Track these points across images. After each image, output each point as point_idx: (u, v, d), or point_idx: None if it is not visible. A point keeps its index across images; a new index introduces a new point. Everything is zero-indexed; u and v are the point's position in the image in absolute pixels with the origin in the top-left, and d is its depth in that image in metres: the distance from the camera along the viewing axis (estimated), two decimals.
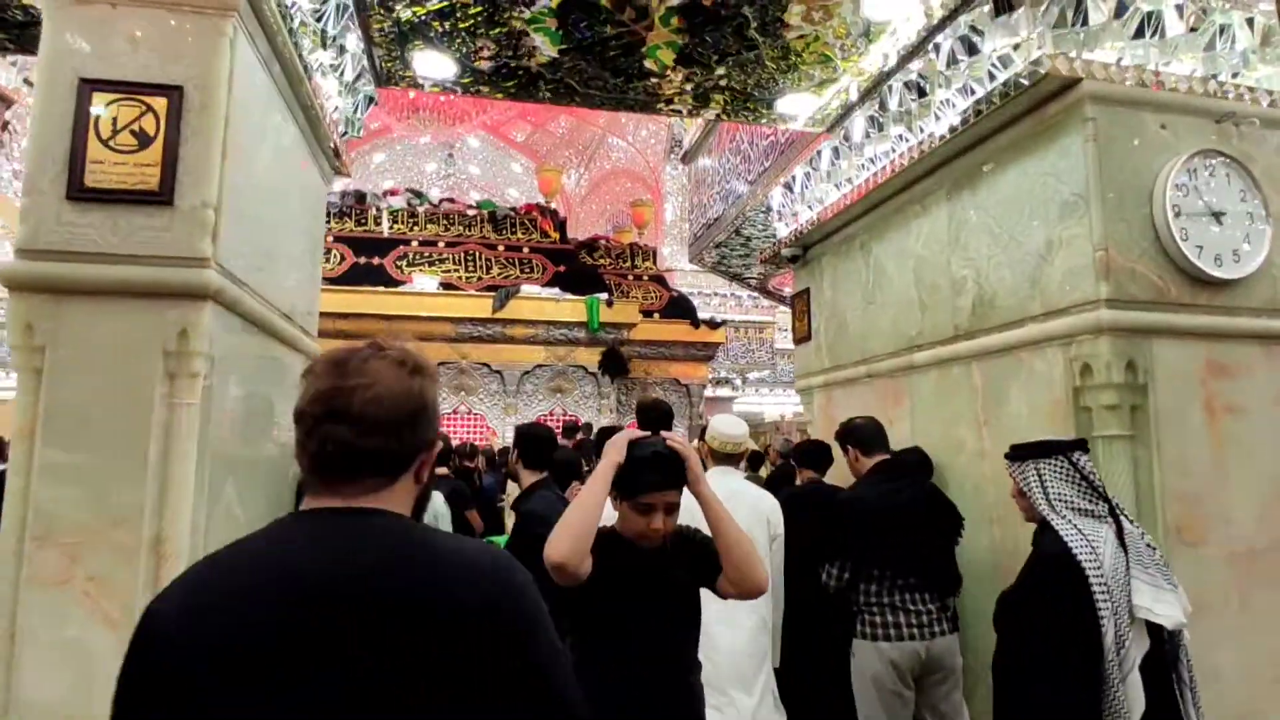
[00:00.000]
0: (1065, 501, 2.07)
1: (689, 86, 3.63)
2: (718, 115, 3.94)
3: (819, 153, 4.28)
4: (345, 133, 3.55)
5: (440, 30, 3.14)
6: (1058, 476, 2.11)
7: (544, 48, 3.26)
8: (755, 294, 13.85)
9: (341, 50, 3.15)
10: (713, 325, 10.80)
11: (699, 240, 6.83)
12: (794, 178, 4.65)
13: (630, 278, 10.77)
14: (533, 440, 3.44)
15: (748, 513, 2.65)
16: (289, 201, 2.85)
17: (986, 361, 3.13)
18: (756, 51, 3.27)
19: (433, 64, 3.43)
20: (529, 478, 3.27)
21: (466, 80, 3.55)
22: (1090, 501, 2.07)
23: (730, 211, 5.89)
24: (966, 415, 3.25)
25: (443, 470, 5.66)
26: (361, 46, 3.25)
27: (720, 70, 3.45)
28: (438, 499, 5.38)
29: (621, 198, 15.18)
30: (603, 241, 11.13)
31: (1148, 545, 2.04)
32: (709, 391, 17.11)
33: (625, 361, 9.25)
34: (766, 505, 2.88)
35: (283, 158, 2.73)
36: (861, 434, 2.97)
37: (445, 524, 5.30)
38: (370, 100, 3.67)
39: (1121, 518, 2.07)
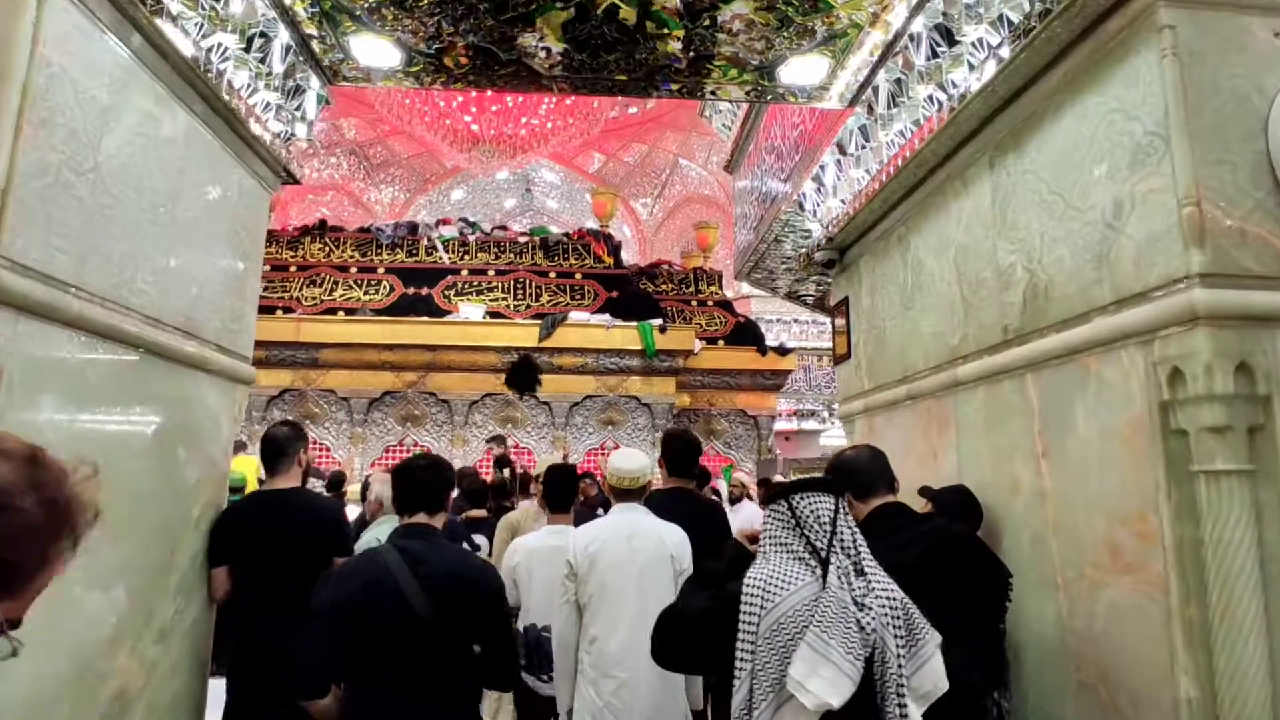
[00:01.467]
0: (784, 546, 1.70)
1: (670, 62, 3.08)
2: (713, 92, 3.36)
3: (846, 133, 3.61)
4: (291, 134, 3.22)
5: (365, 5, 2.76)
6: (780, 524, 1.72)
7: (486, 19, 2.82)
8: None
9: (263, 36, 2.83)
10: (782, 352, 10.03)
11: (742, 255, 6.20)
12: (823, 167, 3.98)
13: (693, 303, 10.21)
14: (554, 480, 3.27)
15: (651, 549, 2.57)
16: (178, 201, 2.50)
17: (1043, 372, 2.36)
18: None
19: (373, 50, 3.05)
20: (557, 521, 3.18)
21: (416, 69, 3.16)
22: (805, 549, 1.67)
23: (767, 218, 5.24)
24: (1021, 444, 2.47)
25: (479, 513, 5.18)
26: (290, 34, 2.91)
27: (699, 30, 2.88)
28: (483, 543, 4.93)
29: (694, 223, 14.69)
30: (665, 266, 10.64)
31: (858, 604, 1.57)
32: (793, 425, 16.16)
33: (536, 373, 8.06)
34: (671, 540, 2.62)
35: (160, 150, 2.38)
36: (853, 469, 2.26)
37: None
38: (322, 100, 3.35)
39: (835, 572, 1.61)
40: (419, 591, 1.90)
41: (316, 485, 4.70)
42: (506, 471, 6.63)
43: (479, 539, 4.92)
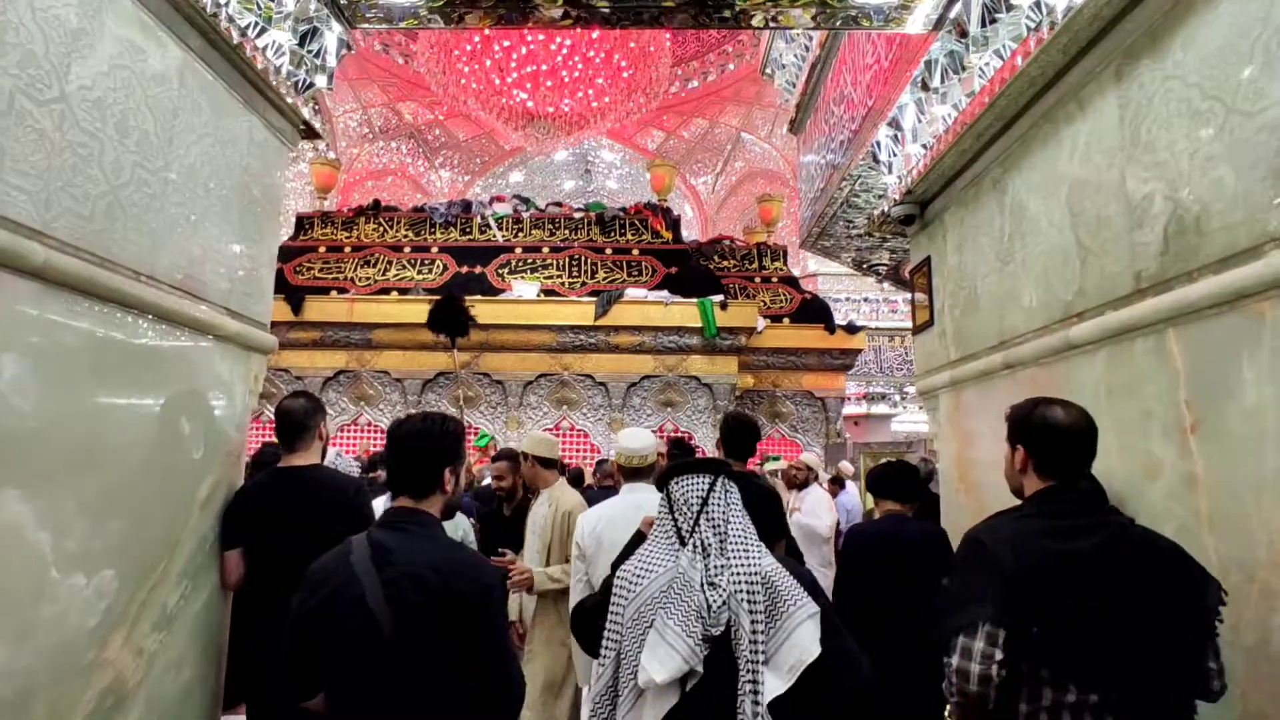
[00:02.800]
0: (663, 532, 1.77)
1: None
2: (774, 19, 2.94)
3: (928, 64, 3.12)
4: (309, 83, 2.96)
5: None
6: (663, 509, 1.78)
7: None
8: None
9: None
10: (851, 330, 9.46)
11: (808, 221, 5.72)
12: (901, 109, 3.50)
13: (757, 280, 9.74)
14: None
15: None
16: (172, 146, 2.25)
17: (1193, 326, 1.88)
18: None
19: None
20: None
21: (439, 3, 2.84)
22: (674, 533, 1.74)
23: (836, 177, 4.76)
24: (1161, 416, 2.00)
25: None
26: None
27: None
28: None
29: (757, 197, 14.16)
30: (726, 242, 10.19)
31: (711, 583, 1.61)
32: (862, 409, 15.47)
33: (462, 314, 6.47)
34: None
35: (147, 86, 2.13)
36: (1053, 435, 1.72)
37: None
38: (343, 45, 3.08)
39: (687, 553, 1.67)
40: (382, 599, 1.53)
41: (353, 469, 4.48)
42: None
43: None
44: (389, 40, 13.53)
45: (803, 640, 1.57)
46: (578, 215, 9.08)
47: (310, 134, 3.06)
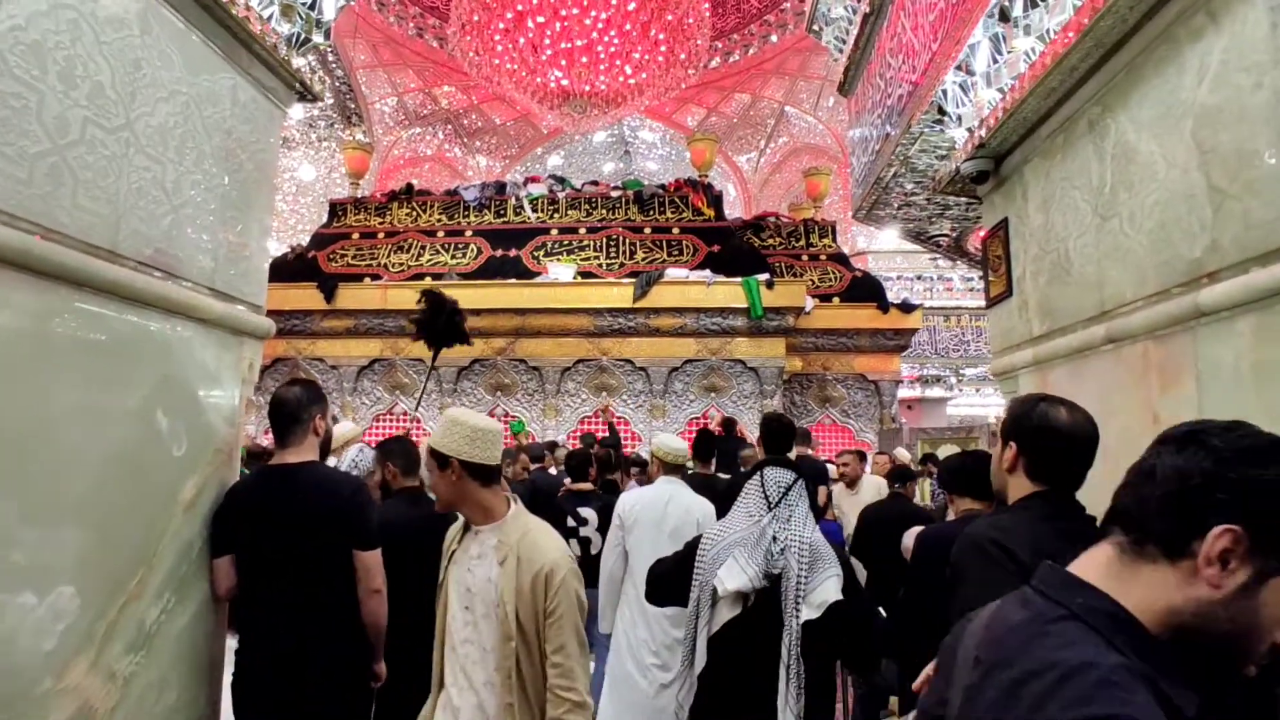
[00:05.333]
0: (745, 504, 2.35)
1: None
2: None
3: None
4: (304, 38, 2.67)
5: None
6: (753, 486, 2.35)
7: None
8: (971, 273, 11.66)
9: None
10: (906, 309, 8.93)
11: (861, 189, 5.26)
12: (973, 49, 3.05)
13: (804, 258, 9.26)
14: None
15: (681, 514, 3.27)
16: (134, 102, 1.98)
17: None
18: None
19: None
20: None
21: None
22: (759, 505, 2.30)
23: (893, 138, 4.30)
24: None
25: (584, 485, 4.56)
26: None
27: None
28: (591, 517, 4.35)
29: (803, 170, 13.59)
30: (771, 218, 9.72)
31: (774, 538, 2.23)
32: (916, 392, 14.84)
33: (453, 318, 5.45)
34: (699, 510, 3.29)
35: (99, 32, 1.86)
36: (1051, 438, 1.58)
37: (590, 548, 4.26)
38: None
39: (768, 517, 2.26)
40: None
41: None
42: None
43: (587, 512, 4.35)
44: (423, 24, 13.33)
45: (829, 588, 2.19)
46: (615, 194, 8.73)
47: (308, 95, 2.77)
